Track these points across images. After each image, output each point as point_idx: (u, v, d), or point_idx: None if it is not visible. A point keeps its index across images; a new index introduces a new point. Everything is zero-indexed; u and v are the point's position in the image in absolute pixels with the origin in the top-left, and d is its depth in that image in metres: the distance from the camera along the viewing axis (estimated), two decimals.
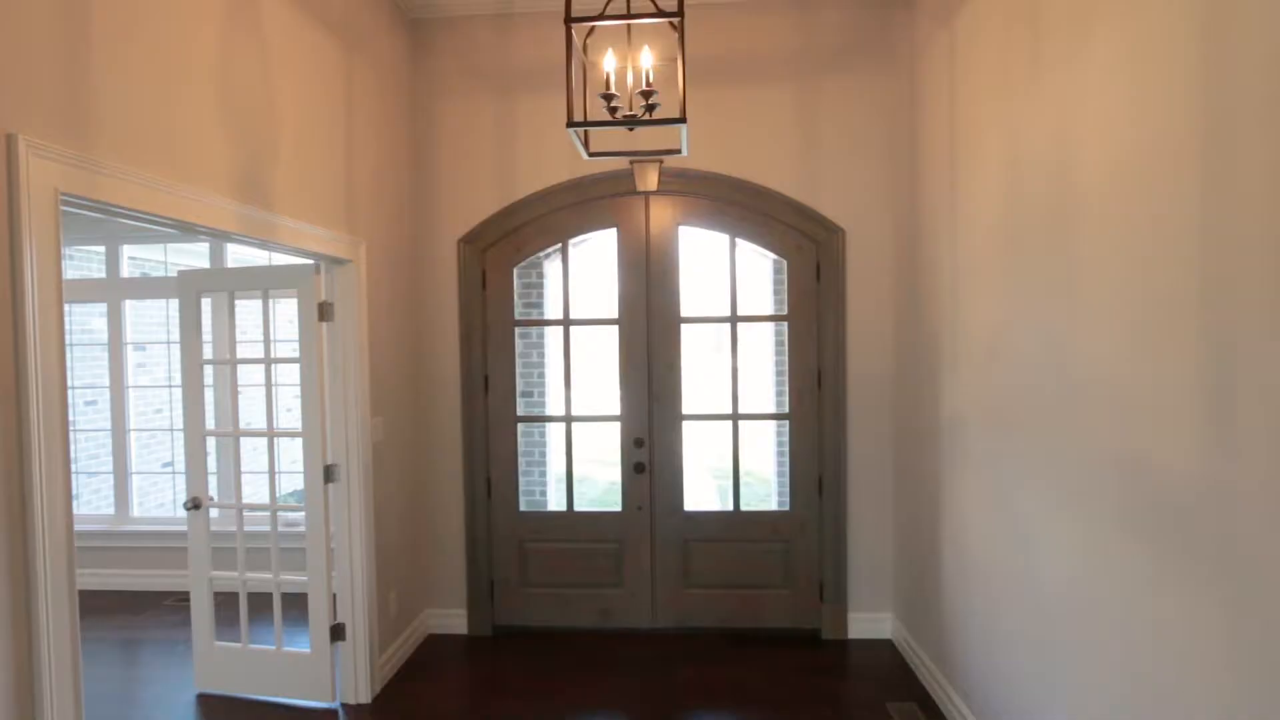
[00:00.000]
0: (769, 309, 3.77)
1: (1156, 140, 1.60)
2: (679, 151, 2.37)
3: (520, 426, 3.85)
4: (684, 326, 3.70)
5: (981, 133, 2.53)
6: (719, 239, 3.70)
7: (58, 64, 1.60)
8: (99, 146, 1.71)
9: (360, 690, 3.08)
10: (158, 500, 6.71)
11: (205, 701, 3.11)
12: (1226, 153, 1.39)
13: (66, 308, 4.75)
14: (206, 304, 4.00)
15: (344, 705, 3.06)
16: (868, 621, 3.63)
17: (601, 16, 2.07)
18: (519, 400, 3.82)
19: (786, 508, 3.72)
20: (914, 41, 3.24)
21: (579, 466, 3.91)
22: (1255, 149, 1.32)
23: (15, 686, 1.49)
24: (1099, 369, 1.83)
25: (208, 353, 4.31)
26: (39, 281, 1.52)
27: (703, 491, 4.25)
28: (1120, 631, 1.75)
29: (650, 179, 3.59)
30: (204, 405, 3.15)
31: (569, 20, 2.04)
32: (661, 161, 3.53)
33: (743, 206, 3.61)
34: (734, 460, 3.76)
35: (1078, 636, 1.95)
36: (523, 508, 3.80)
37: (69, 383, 2.16)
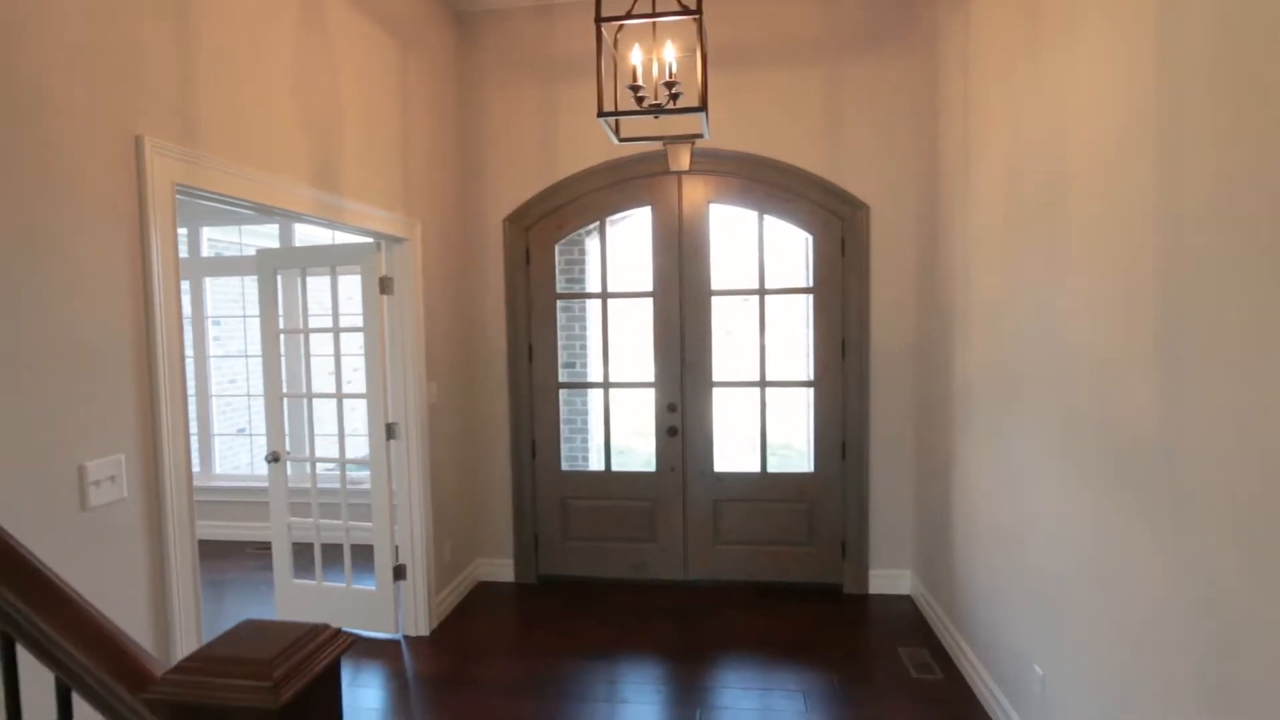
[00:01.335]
0: (803, 282, 3.95)
1: (1122, 131, 1.76)
2: (702, 136, 2.59)
3: (562, 394, 4.15)
4: (714, 299, 3.92)
5: (989, 115, 2.67)
6: (748, 215, 3.90)
7: (171, 76, 1.91)
8: (203, 144, 2.03)
9: (419, 624, 3.45)
10: (233, 463, 7.29)
11: None
12: (1177, 146, 1.55)
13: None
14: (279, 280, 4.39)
15: (405, 637, 3.44)
16: (888, 577, 3.84)
17: (629, 15, 2.29)
18: (561, 369, 4.11)
19: (811, 470, 3.93)
20: (933, 25, 3.35)
21: (622, 438, 4.18)
22: (1200, 143, 1.48)
23: (152, 606, 1.85)
24: (1081, 339, 2.00)
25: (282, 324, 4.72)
26: (162, 260, 1.85)
27: (734, 455, 4.51)
28: (1094, 569, 1.95)
29: (683, 159, 3.79)
30: (281, 370, 3.53)
31: (599, 19, 2.27)
32: (693, 143, 3.73)
33: (771, 184, 3.79)
34: (761, 425, 3.98)
35: (1061, 579, 2.14)
36: (564, 468, 4.11)
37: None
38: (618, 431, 4.17)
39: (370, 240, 3.28)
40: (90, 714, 1.46)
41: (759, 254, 3.86)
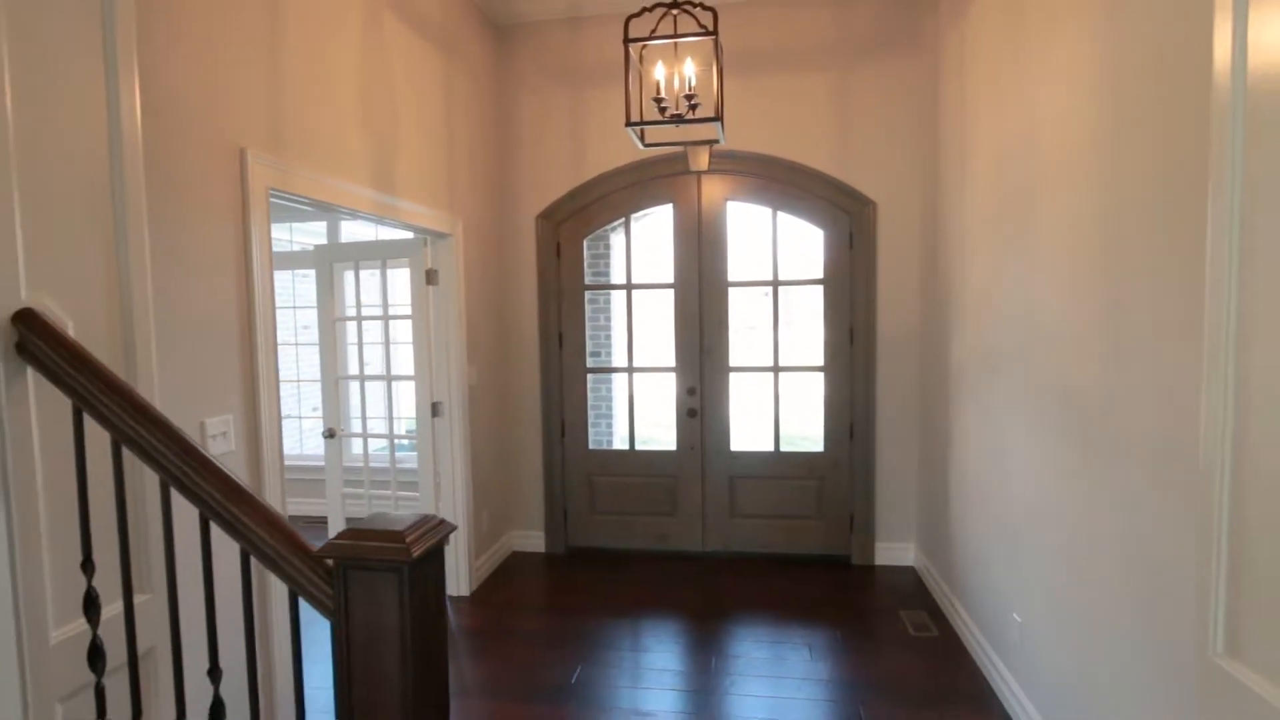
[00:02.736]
0: (815, 274, 4.23)
1: (1076, 139, 2.03)
2: (719, 141, 2.89)
3: (590, 378, 4.47)
4: (731, 290, 4.21)
5: (980, 117, 2.93)
6: (763, 212, 4.18)
7: (264, 98, 2.25)
8: (288, 154, 2.37)
9: (460, 585, 3.80)
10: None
11: None
12: (1116, 157, 1.83)
13: None
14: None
15: (448, 596, 3.79)
16: (893, 550, 4.12)
17: (653, 36, 2.60)
18: (588, 356, 4.44)
19: (821, 450, 4.21)
20: (935, 33, 3.61)
21: (646, 429, 4.51)
22: (1139, 150, 1.76)
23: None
24: (1049, 316, 2.27)
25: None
26: (260, 253, 2.19)
27: (749, 435, 4.81)
28: (1052, 512, 2.23)
29: (702, 160, 4.09)
30: (337, 354, 3.90)
31: (627, 40, 2.58)
32: (711, 146, 4.01)
33: (784, 183, 4.07)
34: (775, 407, 4.27)
35: (1031, 527, 2.42)
36: (591, 446, 4.44)
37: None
38: (639, 423, 4.47)
39: (415, 236, 3.61)
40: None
41: (773, 248, 4.15)
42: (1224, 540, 1.16)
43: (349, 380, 4.09)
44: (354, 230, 6.56)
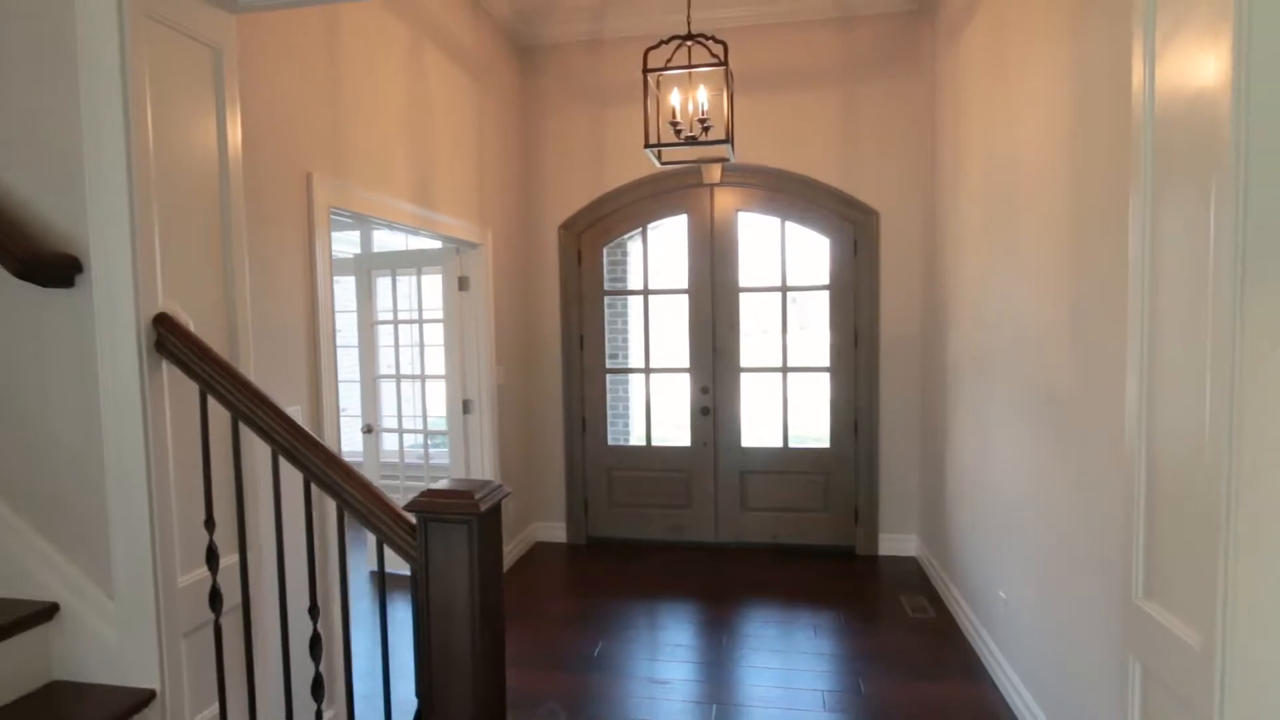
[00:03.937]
0: (821, 280, 4.47)
1: (1050, 159, 2.28)
2: (729, 160, 3.16)
3: (608, 378, 4.75)
4: (742, 295, 4.47)
5: (971, 133, 3.18)
6: (772, 222, 4.44)
7: (326, 128, 2.55)
8: (346, 175, 2.67)
9: None
10: None
11: (375, 575, 4.19)
12: (1087, 170, 2.07)
13: None
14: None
15: None
16: (896, 541, 4.35)
17: (669, 66, 2.88)
18: (607, 357, 4.71)
19: (828, 446, 4.45)
20: (933, 53, 3.86)
21: (662, 427, 4.77)
22: (1098, 168, 2.01)
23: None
24: (1030, 321, 2.51)
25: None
26: (322, 264, 2.48)
27: (759, 432, 5.04)
28: (1032, 494, 2.47)
29: (714, 173, 4.36)
30: (374, 355, 4.20)
31: (645, 70, 2.86)
32: (723, 162, 4.28)
33: (792, 194, 4.33)
34: (784, 406, 4.52)
35: (1014, 510, 2.66)
36: (610, 442, 4.71)
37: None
38: (655, 420, 4.74)
39: (444, 245, 3.90)
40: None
41: (781, 256, 4.40)
42: (1142, 506, 1.41)
43: (385, 380, 4.38)
44: (385, 239, 6.88)
